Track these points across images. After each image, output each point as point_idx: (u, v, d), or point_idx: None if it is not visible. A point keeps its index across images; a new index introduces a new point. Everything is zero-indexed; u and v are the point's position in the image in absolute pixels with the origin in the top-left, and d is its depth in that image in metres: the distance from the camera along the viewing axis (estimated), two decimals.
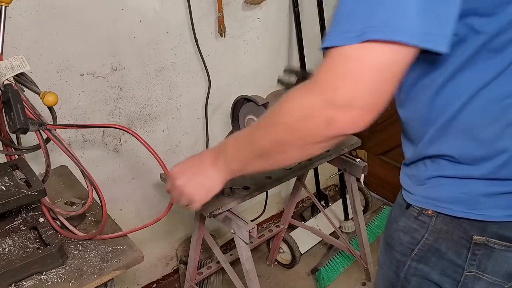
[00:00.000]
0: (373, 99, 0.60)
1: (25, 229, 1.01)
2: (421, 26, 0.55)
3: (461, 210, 0.76)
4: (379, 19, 0.56)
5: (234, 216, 1.23)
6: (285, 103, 0.69)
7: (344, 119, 0.61)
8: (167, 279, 2.03)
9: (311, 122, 0.64)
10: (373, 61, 0.58)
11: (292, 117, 0.66)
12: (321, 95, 0.62)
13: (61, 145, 0.92)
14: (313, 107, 0.63)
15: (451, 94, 0.71)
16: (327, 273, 2.05)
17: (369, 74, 0.58)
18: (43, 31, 1.27)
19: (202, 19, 1.61)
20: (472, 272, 0.80)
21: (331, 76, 0.61)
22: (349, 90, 0.59)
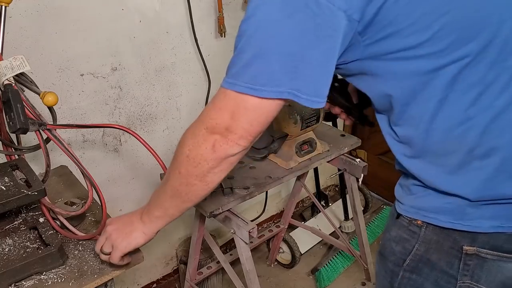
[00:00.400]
0: (246, 128, 0.72)
1: (25, 229, 1.01)
2: (281, 85, 0.67)
3: (448, 221, 0.76)
4: (248, 77, 0.68)
5: (234, 216, 1.23)
6: (182, 139, 0.81)
7: (225, 141, 0.73)
8: (167, 279, 2.03)
9: (201, 147, 0.76)
10: (243, 105, 0.70)
11: (188, 146, 0.78)
12: (205, 123, 0.75)
13: (61, 145, 0.92)
14: (200, 135, 0.76)
15: (408, 127, 0.77)
16: (327, 273, 2.05)
17: (242, 113, 0.71)
18: (43, 31, 1.27)
19: (202, 19, 1.61)
20: (466, 283, 0.79)
21: (213, 109, 0.74)
22: (225, 120, 0.72)
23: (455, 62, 0.68)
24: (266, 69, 0.67)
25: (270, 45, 0.66)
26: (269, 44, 0.66)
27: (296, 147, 1.42)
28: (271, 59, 0.67)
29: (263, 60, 0.67)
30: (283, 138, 1.37)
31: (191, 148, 0.78)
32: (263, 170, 1.40)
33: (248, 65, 0.68)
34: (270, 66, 0.67)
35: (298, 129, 1.39)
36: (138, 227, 0.91)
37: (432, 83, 0.70)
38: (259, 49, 0.67)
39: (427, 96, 0.71)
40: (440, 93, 0.70)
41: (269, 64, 0.67)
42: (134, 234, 0.91)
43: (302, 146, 1.44)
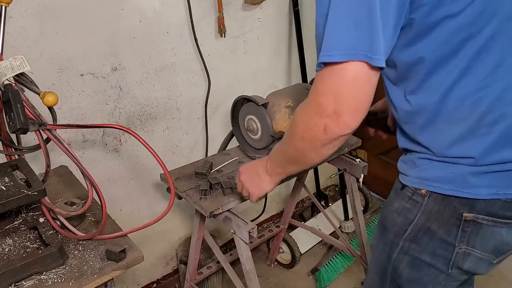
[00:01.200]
0: (351, 106, 0.75)
1: (25, 229, 1.01)
2: (354, 46, 0.71)
3: (450, 189, 0.82)
4: (323, 47, 0.73)
5: (234, 216, 1.23)
6: (295, 120, 0.87)
7: (336, 125, 0.77)
8: (167, 279, 2.03)
9: (313, 130, 0.81)
10: (337, 79, 0.74)
11: (300, 129, 0.85)
12: (313, 108, 0.79)
13: (61, 145, 0.92)
14: (311, 119, 0.81)
15: (426, 95, 0.82)
16: (327, 273, 2.05)
17: (340, 89, 0.74)
18: (43, 31, 1.27)
19: (202, 19, 1.61)
20: (462, 249, 0.85)
21: (317, 94, 0.78)
22: (331, 103, 0.75)
23: (483, 33, 0.74)
24: (361, 33, 0.70)
25: (360, 11, 0.70)
26: (359, 10, 0.70)
27: None
28: (363, 23, 0.70)
29: (356, 26, 0.70)
30: None
31: (304, 130, 0.84)
32: None
33: (344, 33, 0.71)
34: (361, 30, 0.70)
35: None
36: (265, 179, 1.09)
37: (461, 51, 0.76)
38: (351, 17, 0.71)
39: (454, 64, 0.77)
40: (465, 62, 0.76)
41: (360, 28, 0.70)
42: (263, 184, 1.10)
43: None
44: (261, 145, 1.41)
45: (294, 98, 1.39)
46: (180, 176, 1.37)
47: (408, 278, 0.94)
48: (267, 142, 1.38)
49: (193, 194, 1.28)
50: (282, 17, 1.90)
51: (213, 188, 1.28)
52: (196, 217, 1.48)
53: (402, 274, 0.94)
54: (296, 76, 2.08)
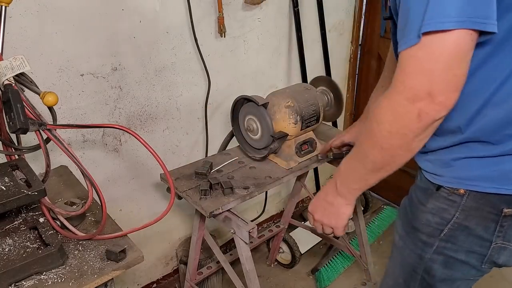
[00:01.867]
0: (448, 84, 0.68)
1: (25, 229, 1.01)
2: (466, 13, 0.63)
3: (492, 187, 0.82)
4: (429, 15, 0.64)
5: (234, 216, 1.23)
6: (375, 115, 0.78)
7: (432, 108, 0.70)
8: (167, 279, 2.03)
9: (405, 119, 0.73)
10: (433, 54, 0.66)
11: (388, 123, 0.76)
12: (403, 94, 0.71)
13: (61, 145, 0.92)
14: (401, 107, 0.72)
15: (485, 77, 0.76)
16: (327, 273, 2.05)
17: (436, 66, 0.67)
18: (43, 31, 1.27)
19: (202, 19, 1.61)
20: (498, 244, 0.86)
21: (406, 76, 0.70)
22: (424, 84, 0.68)
23: None
24: (446, 2, 0.64)
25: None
26: None
27: (296, 147, 1.43)
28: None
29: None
30: (283, 138, 1.37)
31: (393, 122, 0.75)
32: (263, 170, 1.40)
33: (425, 6, 0.66)
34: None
35: (298, 129, 1.39)
36: (341, 203, 0.98)
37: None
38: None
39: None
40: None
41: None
42: (341, 210, 0.99)
43: (302, 146, 1.44)
44: (261, 145, 1.41)
45: (294, 98, 1.39)
46: (180, 176, 1.37)
47: (442, 277, 0.94)
48: (267, 142, 1.38)
49: (193, 194, 1.28)
50: (282, 17, 1.90)
51: (213, 188, 1.28)
52: (196, 217, 1.48)
53: (435, 274, 0.94)
54: (296, 76, 2.08)
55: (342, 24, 2.23)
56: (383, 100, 0.77)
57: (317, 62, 2.11)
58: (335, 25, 2.19)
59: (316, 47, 2.09)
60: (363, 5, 2.26)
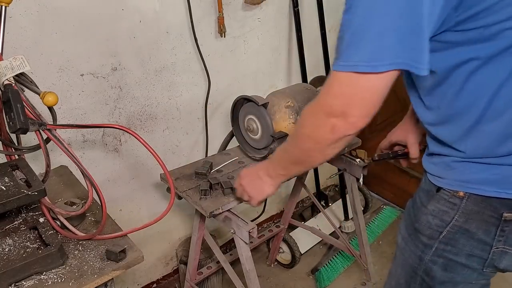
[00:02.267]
0: (361, 110, 0.78)
1: (25, 229, 1.01)
2: (397, 57, 0.71)
3: (493, 190, 0.82)
4: (364, 55, 0.72)
5: (234, 216, 1.23)
6: (302, 120, 0.90)
7: (343, 125, 0.80)
8: (167, 279, 2.03)
9: (321, 130, 0.84)
10: (356, 86, 0.75)
11: (308, 128, 0.87)
12: (323, 108, 0.82)
13: (61, 145, 0.92)
14: (319, 119, 0.83)
15: (471, 96, 0.80)
16: (327, 273, 2.05)
17: (355, 95, 0.77)
18: (43, 31, 1.27)
19: (202, 19, 1.61)
20: (500, 248, 0.85)
21: (329, 95, 0.81)
22: (341, 105, 0.78)
23: None
24: (385, 44, 0.71)
25: (385, 21, 0.70)
26: (384, 21, 0.70)
27: None
28: (388, 34, 0.70)
29: (381, 37, 0.71)
30: (283, 138, 1.37)
31: (312, 130, 0.86)
32: None
33: (365, 44, 0.72)
34: (388, 41, 0.70)
35: None
36: (267, 181, 1.11)
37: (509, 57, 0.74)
38: (374, 27, 0.71)
39: (505, 60, 0.75)
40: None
41: (386, 39, 0.70)
42: (265, 187, 1.12)
43: None
44: (261, 145, 1.41)
45: (294, 98, 1.39)
46: (180, 176, 1.37)
47: (441, 279, 0.94)
48: (267, 142, 1.38)
49: (193, 194, 1.28)
50: (282, 17, 1.90)
51: (213, 188, 1.28)
52: (196, 217, 1.48)
53: (435, 276, 0.94)
54: (296, 76, 2.08)
55: None
56: (308, 108, 0.87)
57: (317, 62, 2.11)
58: (335, 25, 2.19)
59: (316, 47, 2.08)
60: None
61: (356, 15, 0.72)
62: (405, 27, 0.70)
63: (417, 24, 0.70)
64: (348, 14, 0.73)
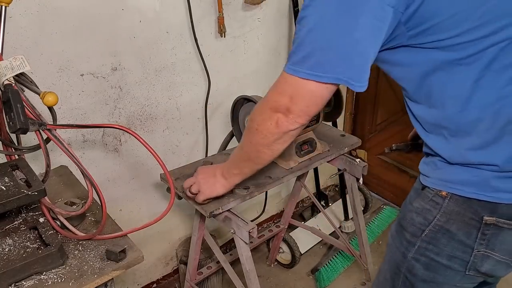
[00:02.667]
0: (302, 110, 0.87)
1: (25, 229, 1.01)
2: (337, 73, 0.79)
3: (472, 192, 0.83)
4: (309, 65, 0.80)
5: (234, 216, 1.23)
6: (252, 115, 0.97)
7: (286, 120, 0.89)
8: (167, 279, 2.03)
9: (267, 123, 0.92)
10: (302, 89, 0.84)
11: (256, 122, 0.95)
12: (269, 104, 0.91)
13: (61, 145, 0.92)
14: (266, 113, 0.92)
15: (445, 108, 0.83)
16: (327, 273, 2.05)
17: (299, 97, 0.85)
18: (43, 31, 1.27)
19: (202, 19, 1.61)
20: (481, 251, 0.86)
21: (276, 93, 0.89)
22: (286, 103, 0.87)
23: (494, 45, 0.75)
24: (327, 59, 0.79)
25: (330, 38, 0.78)
26: (329, 38, 0.78)
27: (296, 147, 1.42)
28: (332, 51, 0.79)
29: (325, 52, 0.79)
30: None
31: (259, 123, 0.94)
32: (263, 170, 1.39)
33: (310, 55, 0.80)
34: (330, 57, 0.79)
35: None
36: (220, 181, 1.16)
37: (471, 65, 0.77)
38: (320, 42, 0.79)
39: (464, 77, 0.78)
40: (476, 74, 0.77)
41: (329, 55, 0.79)
42: (216, 185, 1.16)
43: (302, 146, 1.44)
44: None
45: None
46: (180, 176, 1.37)
47: (423, 278, 0.94)
48: None
49: None
50: (282, 17, 1.90)
51: None
52: (196, 217, 1.48)
53: (417, 274, 0.95)
54: None
55: None
56: (258, 104, 0.95)
57: None
58: None
59: None
60: None
61: (307, 27, 0.79)
62: (346, 46, 0.77)
63: (358, 44, 0.77)
64: (301, 23, 0.81)
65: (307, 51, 0.80)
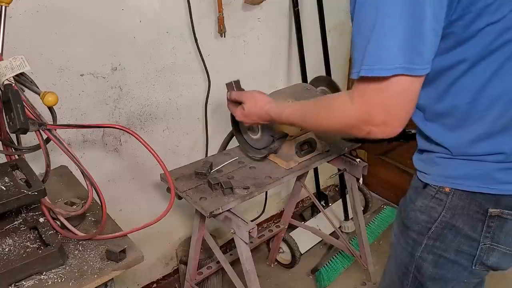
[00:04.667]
0: (401, 119, 0.76)
1: (25, 229, 1.01)
2: (403, 61, 0.70)
3: (476, 185, 0.83)
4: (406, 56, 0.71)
5: (234, 216, 1.23)
6: (334, 111, 0.86)
7: (380, 131, 0.78)
8: (167, 279, 2.03)
9: (354, 129, 0.82)
10: (398, 90, 0.73)
11: (339, 121, 0.85)
12: (362, 117, 0.78)
13: (61, 145, 0.92)
14: (355, 123, 0.80)
15: (456, 96, 0.82)
16: (327, 273, 2.05)
17: (397, 100, 0.75)
18: (43, 31, 1.27)
19: (202, 19, 1.61)
20: (487, 244, 0.86)
21: (365, 104, 0.78)
22: (381, 116, 0.76)
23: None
24: (417, 47, 0.71)
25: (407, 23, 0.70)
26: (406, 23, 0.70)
27: (296, 147, 1.42)
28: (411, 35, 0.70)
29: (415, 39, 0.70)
30: (283, 138, 1.37)
31: (343, 126, 0.84)
32: (263, 170, 1.40)
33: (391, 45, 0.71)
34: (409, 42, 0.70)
35: (298, 129, 1.39)
36: (263, 117, 1.17)
37: (497, 52, 0.75)
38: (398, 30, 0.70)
39: (487, 64, 0.77)
40: (497, 65, 0.76)
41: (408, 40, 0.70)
42: (258, 118, 1.19)
43: (302, 146, 1.44)
44: (261, 145, 1.41)
45: (294, 98, 1.39)
46: (180, 176, 1.37)
47: (432, 276, 0.95)
48: (267, 142, 1.38)
49: (193, 194, 1.28)
50: (282, 17, 1.90)
51: (213, 188, 1.28)
52: (196, 217, 1.48)
53: (425, 273, 0.95)
54: (296, 76, 2.08)
55: (342, 24, 2.23)
56: (344, 106, 0.82)
57: (317, 62, 2.11)
58: (335, 25, 2.19)
59: (316, 47, 2.08)
60: None
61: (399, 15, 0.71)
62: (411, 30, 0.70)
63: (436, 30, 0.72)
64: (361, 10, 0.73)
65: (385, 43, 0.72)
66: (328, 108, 0.89)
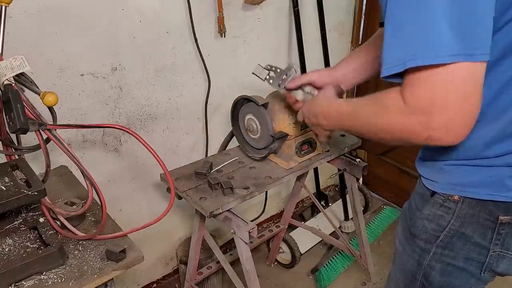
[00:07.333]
0: (470, 119, 0.65)
1: (25, 229, 1.01)
2: (462, 47, 0.61)
3: (487, 193, 0.80)
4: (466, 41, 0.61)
5: (234, 216, 1.23)
6: (388, 115, 0.73)
7: (443, 136, 0.67)
8: (167, 279, 2.03)
9: (412, 137, 0.70)
10: (449, 83, 0.63)
11: (394, 128, 0.72)
12: (417, 118, 0.67)
13: (61, 145, 0.92)
14: (414, 129, 0.68)
15: None
16: (327, 273, 2.05)
17: (451, 96, 0.63)
18: (43, 31, 1.27)
19: (202, 19, 1.61)
20: (497, 252, 0.85)
21: (425, 103, 0.65)
22: (445, 119, 0.65)
23: None
24: (471, 29, 0.61)
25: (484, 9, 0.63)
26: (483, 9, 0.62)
27: (296, 147, 1.42)
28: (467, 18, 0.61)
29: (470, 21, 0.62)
30: (283, 138, 1.37)
31: (398, 131, 0.72)
32: (263, 170, 1.40)
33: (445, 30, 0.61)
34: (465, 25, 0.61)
35: (298, 129, 1.39)
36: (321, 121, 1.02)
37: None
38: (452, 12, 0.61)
39: (509, 64, 0.72)
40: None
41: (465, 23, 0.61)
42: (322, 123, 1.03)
43: (302, 146, 1.44)
44: (261, 145, 1.41)
45: None
46: (180, 176, 1.37)
47: (439, 284, 0.93)
48: (267, 142, 1.38)
49: (193, 194, 1.28)
50: (282, 17, 1.90)
51: (213, 188, 1.28)
52: (196, 217, 1.48)
53: (433, 281, 0.94)
54: None
55: (342, 24, 2.23)
56: (398, 111, 0.70)
57: (317, 62, 2.11)
58: (335, 25, 2.19)
59: (316, 47, 2.09)
60: (363, 5, 2.26)
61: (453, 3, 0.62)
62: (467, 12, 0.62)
63: None
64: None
65: (437, 28, 0.62)
66: (383, 111, 0.75)
